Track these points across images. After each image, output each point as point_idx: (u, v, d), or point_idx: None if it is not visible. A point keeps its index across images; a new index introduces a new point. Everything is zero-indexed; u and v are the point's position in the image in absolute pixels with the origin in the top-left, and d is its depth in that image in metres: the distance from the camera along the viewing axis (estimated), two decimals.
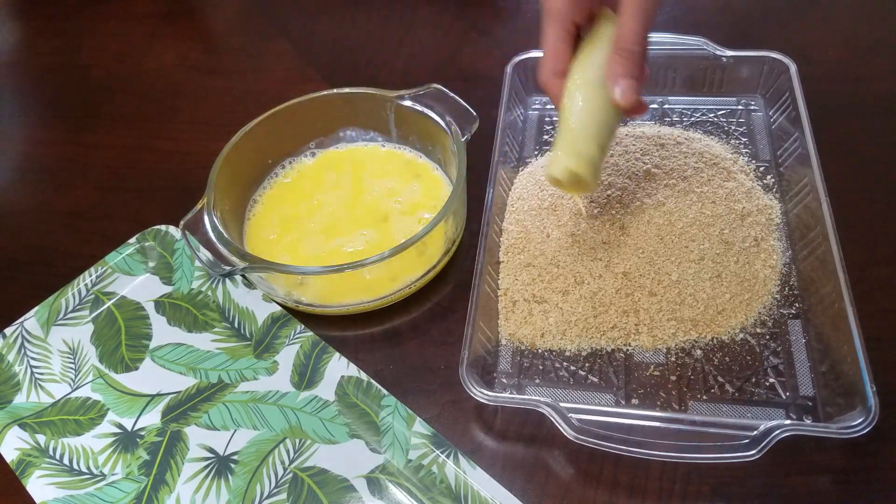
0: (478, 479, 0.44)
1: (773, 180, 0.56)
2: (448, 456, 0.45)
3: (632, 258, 0.50)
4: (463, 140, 0.54)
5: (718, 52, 0.60)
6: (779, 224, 0.53)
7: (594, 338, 0.49)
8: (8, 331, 0.54)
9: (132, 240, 0.59)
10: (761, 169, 0.57)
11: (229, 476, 0.47)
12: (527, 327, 0.50)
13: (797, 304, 0.49)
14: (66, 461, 0.48)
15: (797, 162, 0.54)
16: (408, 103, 0.58)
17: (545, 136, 0.63)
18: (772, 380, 0.46)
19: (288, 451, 0.47)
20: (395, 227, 0.56)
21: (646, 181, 0.54)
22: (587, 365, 0.48)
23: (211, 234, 0.51)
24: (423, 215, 0.57)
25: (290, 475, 0.46)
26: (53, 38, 0.84)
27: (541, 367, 0.49)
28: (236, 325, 0.54)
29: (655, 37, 0.62)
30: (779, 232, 0.52)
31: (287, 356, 0.52)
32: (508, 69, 0.62)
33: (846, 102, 0.62)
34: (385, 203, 0.58)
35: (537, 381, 0.48)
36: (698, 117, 0.61)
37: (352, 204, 0.59)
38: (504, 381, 0.49)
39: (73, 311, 0.56)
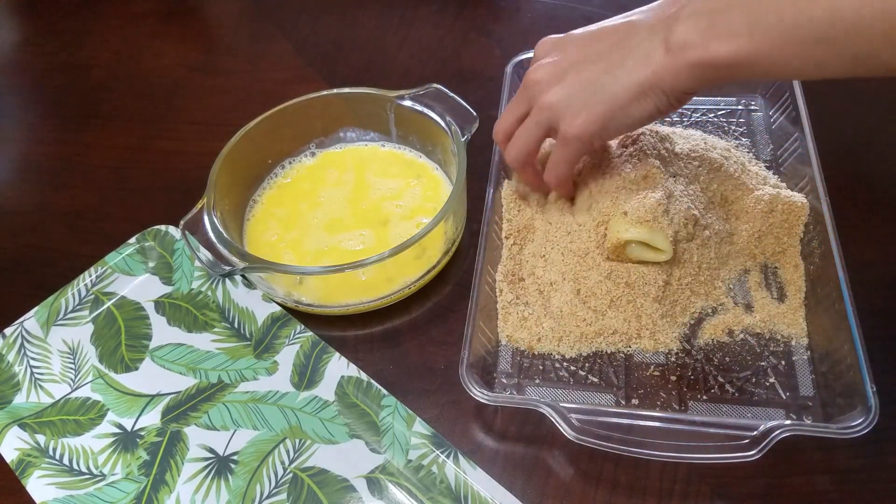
0: (478, 479, 0.44)
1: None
2: (448, 456, 0.45)
3: (639, 268, 0.50)
4: (463, 140, 0.54)
5: None
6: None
7: (593, 342, 0.49)
8: (8, 331, 0.54)
9: (132, 240, 0.59)
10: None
11: (229, 476, 0.47)
12: (523, 331, 0.50)
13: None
14: (66, 461, 0.48)
15: (797, 162, 0.54)
16: (408, 103, 0.58)
17: None
18: (772, 380, 0.46)
19: (288, 452, 0.47)
20: (394, 232, 0.56)
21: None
22: (587, 365, 0.48)
23: (211, 234, 0.51)
24: (423, 220, 0.57)
25: (290, 475, 0.46)
26: (53, 38, 0.84)
27: (541, 368, 0.49)
28: (236, 325, 0.54)
29: None
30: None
31: (287, 356, 0.52)
32: (508, 69, 0.62)
33: (846, 102, 0.62)
34: (386, 206, 0.58)
35: (537, 381, 0.48)
36: (698, 117, 0.61)
37: (354, 201, 0.59)
38: (504, 381, 0.49)
39: (72, 312, 0.56)
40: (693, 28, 0.39)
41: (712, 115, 0.61)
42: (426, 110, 0.57)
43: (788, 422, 0.41)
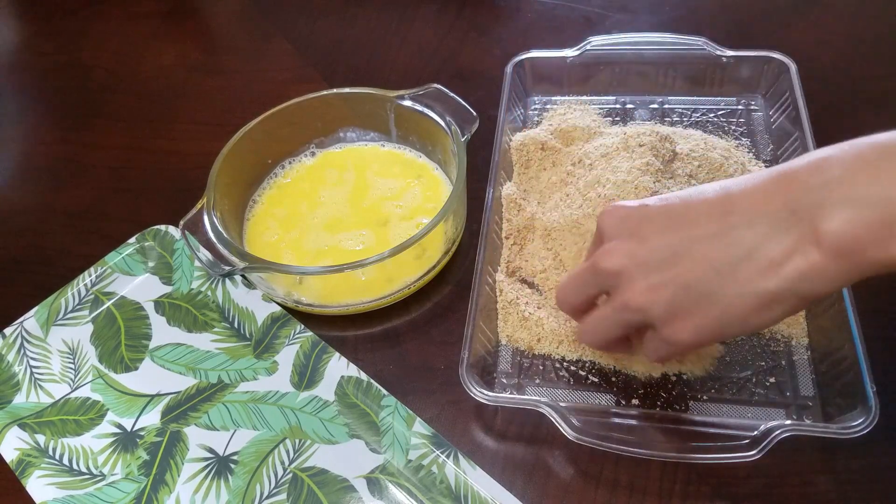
0: (478, 479, 0.44)
1: None
2: (448, 456, 0.45)
3: None
4: (463, 140, 0.54)
5: (719, 52, 0.60)
6: None
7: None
8: (7, 331, 0.54)
9: (132, 240, 0.59)
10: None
11: (229, 476, 0.47)
12: (523, 332, 0.50)
13: None
14: (65, 461, 0.48)
15: None
16: (408, 103, 0.58)
17: None
18: (772, 380, 0.46)
19: (288, 452, 0.47)
20: (394, 232, 0.56)
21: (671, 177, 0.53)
22: (587, 365, 0.48)
23: (211, 234, 0.51)
24: (423, 220, 0.57)
25: (290, 475, 0.46)
26: (53, 38, 0.84)
27: (541, 368, 0.49)
28: (236, 325, 0.54)
29: (656, 37, 0.62)
30: None
31: (287, 356, 0.52)
32: (508, 69, 0.62)
33: (846, 102, 0.62)
34: (386, 206, 0.58)
35: (537, 381, 0.48)
36: (698, 117, 0.61)
37: (354, 201, 0.59)
38: (504, 381, 0.48)
39: (72, 311, 0.56)
40: (857, 221, 0.31)
41: (712, 115, 0.61)
42: (426, 110, 0.57)
43: (788, 422, 0.41)
